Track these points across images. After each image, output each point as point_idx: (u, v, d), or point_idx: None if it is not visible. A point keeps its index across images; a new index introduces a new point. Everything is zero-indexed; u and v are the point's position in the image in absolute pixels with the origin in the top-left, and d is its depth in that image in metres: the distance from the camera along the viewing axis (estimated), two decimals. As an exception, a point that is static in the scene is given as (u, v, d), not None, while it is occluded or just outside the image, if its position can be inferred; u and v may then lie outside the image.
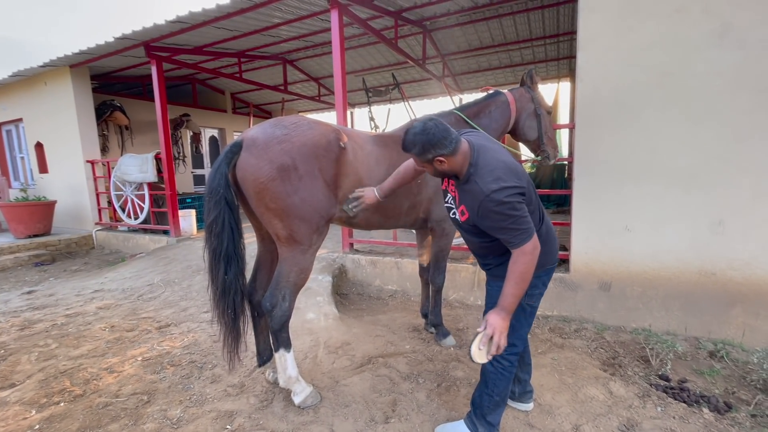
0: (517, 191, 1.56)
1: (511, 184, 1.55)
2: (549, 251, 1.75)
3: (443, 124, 1.62)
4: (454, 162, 1.63)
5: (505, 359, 1.77)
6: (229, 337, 2.07)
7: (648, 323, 3.04)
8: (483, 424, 1.82)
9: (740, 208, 2.72)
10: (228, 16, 4.75)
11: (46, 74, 6.82)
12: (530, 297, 1.75)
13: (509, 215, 1.53)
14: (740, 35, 2.61)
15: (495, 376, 1.79)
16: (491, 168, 1.59)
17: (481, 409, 1.82)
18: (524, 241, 1.55)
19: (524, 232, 1.55)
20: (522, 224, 1.55)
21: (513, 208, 1.53)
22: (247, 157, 1.99)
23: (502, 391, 1.80)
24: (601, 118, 3.01)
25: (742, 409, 2.15)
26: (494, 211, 1.54)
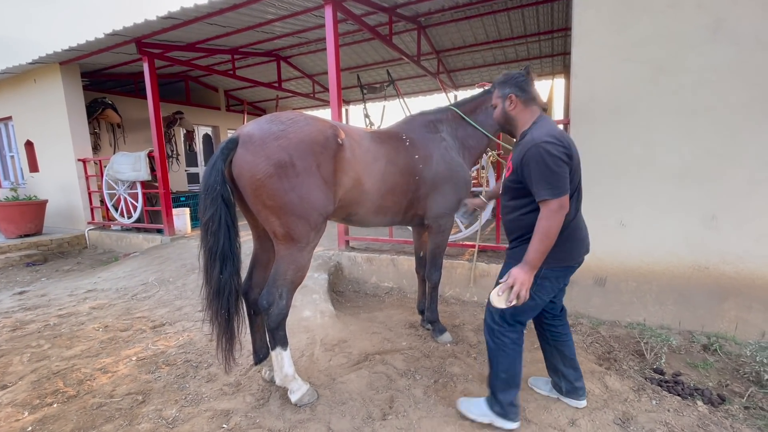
0: (564, 151, 1.64)
1: (561, 143, 1.65)
2: (569, 248, 1.78)
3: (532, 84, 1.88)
4: (521, 112, 1.85)
5: (505, 336, 1.84)
6: (223, 338, 2.04)
7: (642, 317, 3.06)
8: (495, 403, 1.91)
9: (733, 203, 2.75)
10: (220, 12, 4.70)
11: (35, 71, 6.71)
12: (539, 287, 1.77)
13: (548, 167, 1.61)
14: (733, 30, 2.62)
15: (497, 353, 1.86)
16: (549, 129, 1.72)
17: (493, 388, 1.91)
18: (554, 196, 1.61)
19: (556, 189, 1.61)
20: (557, 181, 1.62)
21: (555, 162, 1.62)
22: (244, 154, 1.96)
23: (508, 369, 1.85)
24: (595, 113, 3.02)
25: (735, 401, 2.17)
26: (537, 158, 1.63)
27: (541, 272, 1.73)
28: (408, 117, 2.81)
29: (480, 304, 3.61)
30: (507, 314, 1.81)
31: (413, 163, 2.51)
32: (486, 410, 1.93)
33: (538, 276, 1.73)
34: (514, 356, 1.85)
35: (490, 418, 1.92)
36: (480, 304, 3.61)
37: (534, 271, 1.68)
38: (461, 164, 2.71)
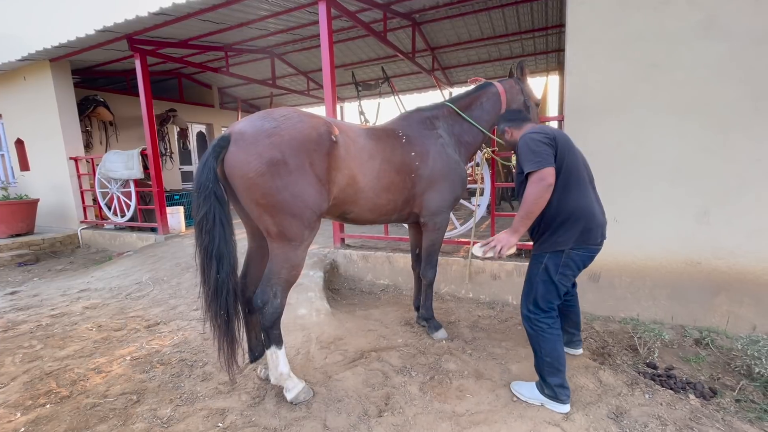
0: (545, 136, 1.94)
1: (542, 131, 1.98)
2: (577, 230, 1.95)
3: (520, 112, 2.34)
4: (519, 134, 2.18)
5: (541, 322, 2.02)
6: (224, 341, 2.00)
7: (636, 313, 3.09)
8: (545, 385, 2.04)
9: (725, 199, 2.78)
10: (213, 8, 4.65)
11: (24, 68, 6.61)
12: (562, 276, 1.99)
13: (530, 148, 1.92)
14: (725, 27, 2.64)
15: (537, 338, 2.03)
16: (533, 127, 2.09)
17: (541, 372, 2.05)
18: (535, 168, 1.87)
19: (536, 162, 1.88)
20: (536, 156, 1.89)
21: (535, 144, 1.92)
22: (235, 152, 1.94)
23: (551, 353, 2.00)
24: (589, 110, 3.03)
25: (726, 394, 2.20)
26: (522, 145, 1.97)
27: (561, 258, 1.97)
28: (404, 113, 2.80)
29: (475, 301, 3.62)
30: (539, 300, 2.02)
31: (409, 161, 2.50)
32: (537, 394, 2.08)
33: (560, 263, 1.97)
34: (554, 340, 2.01)
35: (541, 400, 2.06)
36: (475, 301, 3.62)
37: (517, 237, 1.95)
38: (458, 161, 2.71)
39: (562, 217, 1.95)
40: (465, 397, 2.18)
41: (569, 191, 1.95)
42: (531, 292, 2.06)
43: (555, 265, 1.98)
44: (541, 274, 2.02)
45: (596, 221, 1.99)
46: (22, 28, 19.34)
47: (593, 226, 1.97)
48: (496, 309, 3.42)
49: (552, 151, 1.91)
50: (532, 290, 2.06)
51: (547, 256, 2.01)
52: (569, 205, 1.94)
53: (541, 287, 2.01)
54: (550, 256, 2.00)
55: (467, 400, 2.14)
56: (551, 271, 1.99)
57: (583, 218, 1.95)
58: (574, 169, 1.97)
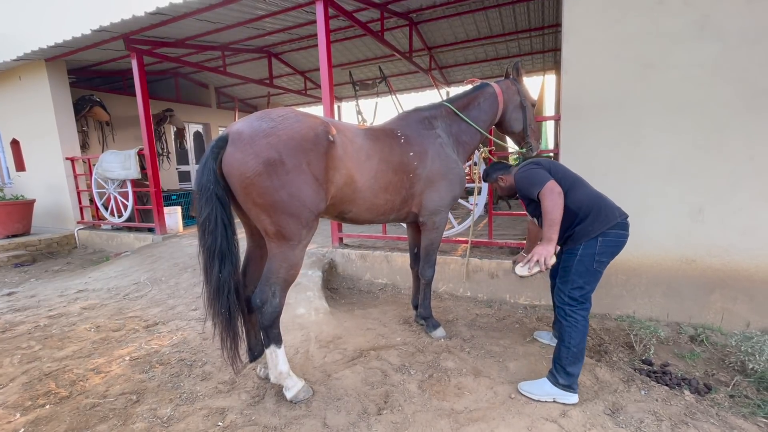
0: (531, 164, 2.25)
1: (526, 165, 2.29)
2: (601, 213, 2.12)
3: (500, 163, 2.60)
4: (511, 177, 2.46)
5: (577, 313, 2.11)
6: (227, 337, 2.03)
7: (632, 310, 3.12)
8: (563, 375, 2.10)
9: (719, 197, 2.81)
10: (210, 7, 4.64)
11: (20, 68, 6.57)
12: (599, 263, 2.12)
13: (527, 179, 2.21)
14: (719, 26, 2.66)
15: (569, 329, 2.11)
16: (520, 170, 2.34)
17: (560, 361, 2.12)
18: (540, 186, 2.11)
19: (539, 184, 2.12)
20: (536, 178, 2.15)
21: (528, 174, 2.22)
22: (233, 152, 1.95)
23: (578, 344, 2.09)
24: (585, 109, 3.05)
25: (721, 390, 2.23)
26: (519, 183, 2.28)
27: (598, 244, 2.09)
28: (403, 113, 2.81)
29: (473, 299, 3.65)
30: (576, 291, 2.12)
31: (408, 161, 2.52)
32: (549, 389, 2.12)
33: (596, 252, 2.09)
34: (584, 331, 2.11)
35: (553, 395, 2.11)
36: (473, 299, 3.65)
37: (553, 245, 2.07)
38: (456, 161, 2.72)
39: (582, 211, 2.14)
40: (463, 394, 2.19)
41: (574, 191, 2.18)
42: (568, 283, 2.15)
43: (591, 254, 2.10)
44: (577, 265, 2.13)
45: (606, 201, 2.18)
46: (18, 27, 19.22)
47: (607, 206, 2.16)
48: (494, 307, 3.44)
49: (544, 171, 2.18)
50: (568, 281, 2.15)
51: (582, 246, 2.12)
52: (580, 200, 2.16)
53: (577, 278, 2.12)
54: (585, 245, 2.12)
55: (465, 398, 2.16)
56: (587, 262, 2.11)
57: (595, 203, 2.15)
58: (567, 176, 2.25)
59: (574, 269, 2.13)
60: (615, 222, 2.11)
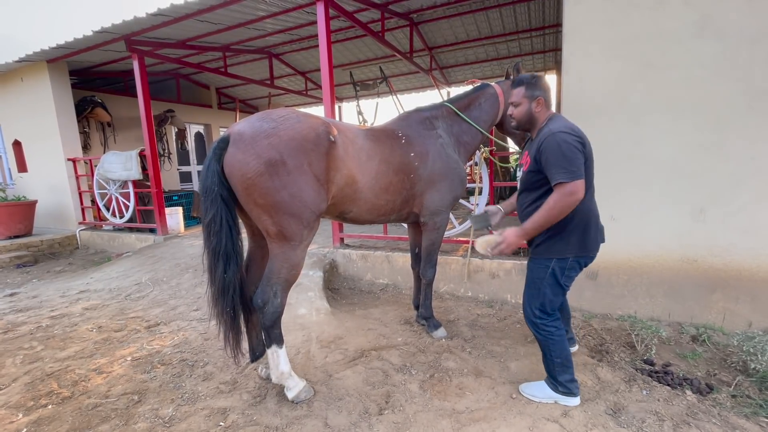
0: (579, 140, 1.82)
1: (575, 133, 1.84)
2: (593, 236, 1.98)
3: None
4: (543, 113, 2.02)
5: (549, 326, 2.03)
6: (230, 334, 2.08)
7: (633, 310, 3.11)
8: (558, 384, 2.07)
9: (720, 197, 2.80)
10: (211, 8, 4.65)
11: (21, 70, 6.59)
12: (567, 278, 2.01)
13: (563, 153, 1.78)
14: (720, 26, 2.66)
15: (547, 342, 2.06)
16: (563, 122, 1.91)
17: (552, 372, 2.09)
18: (569, 179, 1.77)
19: (571, 172, 1.77)
20: (571, 165, 1.77)
21: (569, 149, 1.79)
22: (234, 152, 1.96)
23: (561, 353, 2.04)
24: (586, 109, 3.05)
25: (723, 390, 2.22)
26: (554, 145, 1.81)
27: (569, 262, 1.96)
28: (404, 114, 2.81)
29: (474, 299, 3.64)
30: (546, 304, 2.02)
31: (409, 161, 2.52)
32: (550, 392, 2.10)
33: (567, 267, 1.97)
34: (562, 341, 2.05)
35: (554, 398, 2.09)
36: (474, 299, 3.64)
37: (526, 239, 1.94)
38: (457, 161, 2.73)
39: (574, 222, 1.92)
40: (464, 394, 2.19)
41: (586, 200, 1.90)
42: (538, 297, 2.03)
43: (562, 269, 1.97)
44: (549, 279, 1.99)
45: (599, 226, 2.03)
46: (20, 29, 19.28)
47: (598, 235, 2.01)
48: (495, 307, 3.44)
49: (583, 159, 1.82)
50: (538, 295, 2.03)
51: (555, 260, 1.97)
52: (584, 215, 1.93)
53: (548, 291, 2.00)
54: (558, 260, 1.97)
55: (467, 398, 2.16)
56: (558, 275, 1.98)
57: (592, 224, 1.97)
58: (591, 175, 1.95)
59: (546, 282, 2.00)
60: (592, 254, 2.00)
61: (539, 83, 2.03)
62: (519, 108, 2.06)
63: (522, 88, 2.04)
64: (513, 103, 2.08)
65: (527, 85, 2.03)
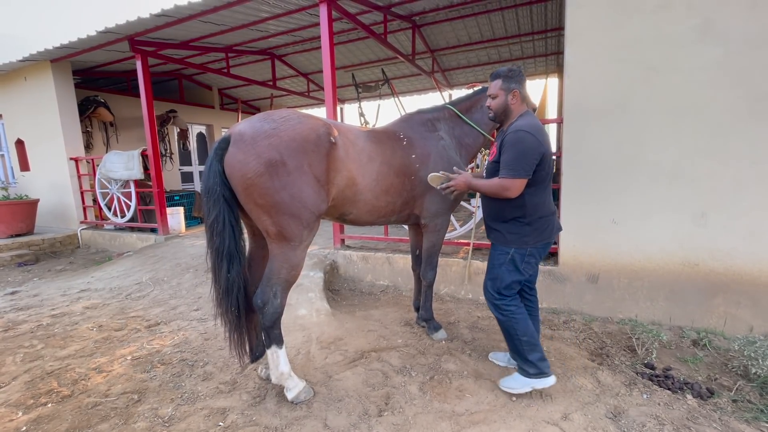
0: (537, 141, 1.95)
1: (536, 134, 1.96)
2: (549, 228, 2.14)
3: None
4: (518, 106, 2.12)
5: (509, 306, 2.14)
6: (234, 334, 2.11)
7: (634, 314, 3.11)
8: (528, 364, 2.13)
9: (722, 201, 2.80)
10: (214, 10, 4.68)
11: (25, 69, 6.63)
12: (527, 264, 2.13)
13: (518, 152, 1.95)
14: (722, 31, 2.66)
15: (510, 322, 2.14)
16: (530, 121, 2.03)
17: (520, 353, 2.15)
18: (511, 177, 1.97)
19: (515, 172, 1.96)
20: (519, 165, 1.95)
21: (524, 150, 1.94)
22: (234, 153, 1.96)
23: (525, 331, 2.12)
24: (587, 112, 3.05)
25: (723, 394, 2.22)
26: (513, 141, 1.97)
27: (527, 250, 2.10)
28: (405, 115, 2.81)
29: (475, 301, 3.64)
30: (503, 287, 2.14)
31: (410, 163, 2.52)
32: (525, 380, 2.15)
33: (526, 254, 2.11)
34: (524, 319, 2.14)
35: (531, 384, 2.14)
36: (475, 301, 3.64)
37: (470, 191, 2.21)
38: (459, 163, 2.72)
39: (531, 218, 2.08)
40: (464, 396, 2.19)
41: (541, 195, 2.09)
42: (497, 281, 2.17)
43: (521, 256, 2.12)
44: (508, 265, 2.14)
45: (555, 221, 2.18)
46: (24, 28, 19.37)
47: (553, 226, 2.16)
48: (496, 310, 3.43)
49: (536, 162, 1.97)
50: (497, 279, 2.17)
51: (514, 249, 2.12)
52: (538, 209, 2.08)
53: (507, 276, 2.14)
54: (517, 249, 2.12)
55: (467, 400, 2.16)
56: (517, 262, 2.12)
57: (547, 219, 2.13)
58: (549, 174, 2.10)
59: (505, 268, 2.14)
60: (548, 241, 2.15)
61: (516, 76, 2.11)
62: (496, 100, 2.16)
63: (499, 81, 2.13)
64: (490, 95, 2.19)
65: (504, 77, 2.12)
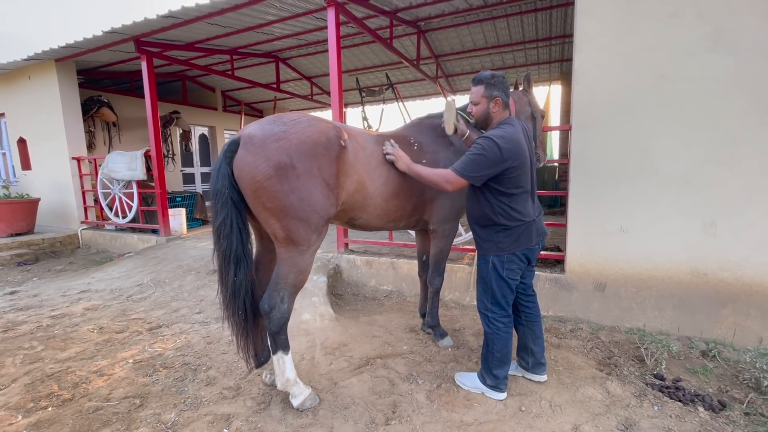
0: (498, 154, 1.94)
1: (501, 147, 1.95)
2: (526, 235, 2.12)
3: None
4: (499, 114, 2.12)
5: (499, 321, 2.17)
6: (241, 338, 2.09)
7: (642, 323, 3.08)
8: (490, 377, 2.19)
9: (731, 210, 2.78)
10: (221, 12, 4.68)
11: (29, 68, 6.62)
12: (509, 271, 2.13)
13: (476, 155, 1.98)
14: (733, 40, 2.66)
15: (492, 336, 2.18)
16: (506, 132, 2.01)
17: (488, 364, 2.19)
18: (457, 173, 2.01)
19: (463, 170, 2.00)
20: (469, 166, 1.99)
21: (482, 153, 1.96)
22: (244, 155, 1.94)
23: (502, 350, 2.16)
24: (596, 119, 3.04)
25: (735, 407, 2.18)
26: (477, 144, 2.00)
27: (505, 257, 2.10)
28: (415, 120, 2.80)
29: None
30: (497, 297, 2.15)
31: None
32: (479, 384, 2.24)
33: (505, 261, 2.11)
34: (507, 338, 2.17)
35: (482, 389, 2.22)
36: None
37: (407, 168, 2.25)
38: None
39: (504, 225, 2.08)
40: (473, 406, 2.15)
41: (516, 204, 2.07)
42: (488, 291, 2.18)
43: (501, 262, 2.12)
44: (492, 273, 2.14)
45: (534, 227, 2.15)
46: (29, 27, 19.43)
47: (532, 232, 2.13)
48: (501, 317, 3.40)
49: (492, 172, 1.99)
50: (488, 289, 2.17)
51: (492, 257, 2.14)
52: (513, 218, 2.07)
53: (495, 285, 2.14)
54: (495, 257, 2.13)
55: (475, 409, 2.12)
56: (499, 269, 2.12)
57: (524, 227, 2.10)
58: (523, 186, 2.08)
59: (491, 276, 2.14)
60: (528, 246, 2.13)
61: (498, 83, 2.09)
62: (477, 107, 2.16)
63: (481, 87, 2.11)
64: (472, 101, 2.19)
65: (486, 84, 2.10)
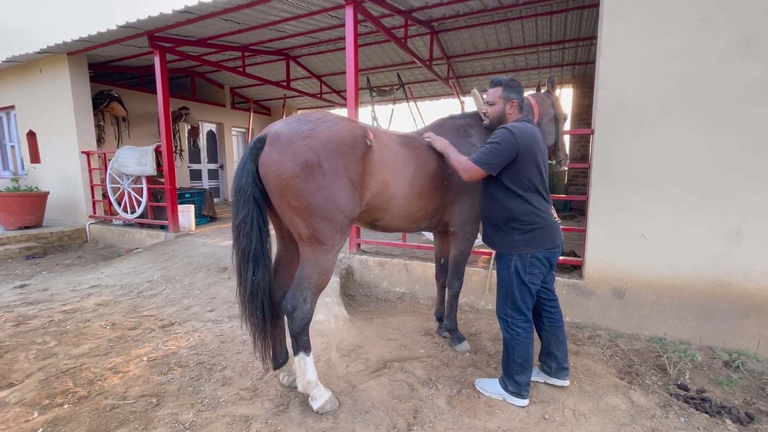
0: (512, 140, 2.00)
1: (517, 132, 2.01)
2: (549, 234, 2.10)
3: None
4: (514, 116, 2.19)
5: (518, 326, 2.13)
6: (259, 338, 2.05)
7: (662, 332, 3.03)
8: (512, 383, 2.16)
9: (758, 219, 2.73)
10: (238, 8, 4.65)
11: (41, 61, 6.60)
12: (531, 275, 2.09)
13: (493, 144, 2.04)
14: (764, 47, 2.61)
15: (512, 342, 2.15)
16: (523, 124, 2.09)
17: (509, 370, 2.17)
18: (475, 161, 2.07)
19: (481, 161, 2.05)
20: (486, 156, 2.04)
21: (498, 139, 2.03)
22: (270, 153, 1.91)
23: (523, 355, 2.13)
24: (620, 124, 2.99)
25: (763, 420, 2.13)
26: (494, 135, 2.07)
27: (527, 260, 2.08)
28: (438, 121, 2.76)
29: (495, 312, 3.55)
30: (518, 302, 2.11)
31: (443, 168, 2.46)
32: (500, 390, 2.20)
33: (527, 264, 2.08)
34: (527, 343, 2.13)
35: (503, 396, 2.19)
36: (495, 312, 3.55)
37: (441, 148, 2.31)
38: None
39: (524, 221, 2.07)
40: (495, 413, 2.11)
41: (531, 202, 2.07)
42: (508, 296, 2.14)
43: (523, 266, 2.08)
44: (514, 277, 2.11)
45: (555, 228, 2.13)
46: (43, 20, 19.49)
47: (552, 232, 2.11)
48: (516, 322, 3.35)
49: (506, 160, 2.02)
50: (508, 294, 2.14)
51: (513, 257, 2.11)
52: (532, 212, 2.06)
53: (516, 290, 2.10)
54: (517, 257, 2.10)
55: (497, 416, 2.08)
56: (521, 273, 2.09)
57: (543, 225, 2.08)
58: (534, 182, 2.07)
59: (512, 282, 2.11)
60: (546, 247, 2.09)
61: (516, 87, 2.17)
62: (493, 108, 2.22)
63: (499, 89, 2.18)
64: (488, 102, 2.23)
65: (505, 86, 2.18)
